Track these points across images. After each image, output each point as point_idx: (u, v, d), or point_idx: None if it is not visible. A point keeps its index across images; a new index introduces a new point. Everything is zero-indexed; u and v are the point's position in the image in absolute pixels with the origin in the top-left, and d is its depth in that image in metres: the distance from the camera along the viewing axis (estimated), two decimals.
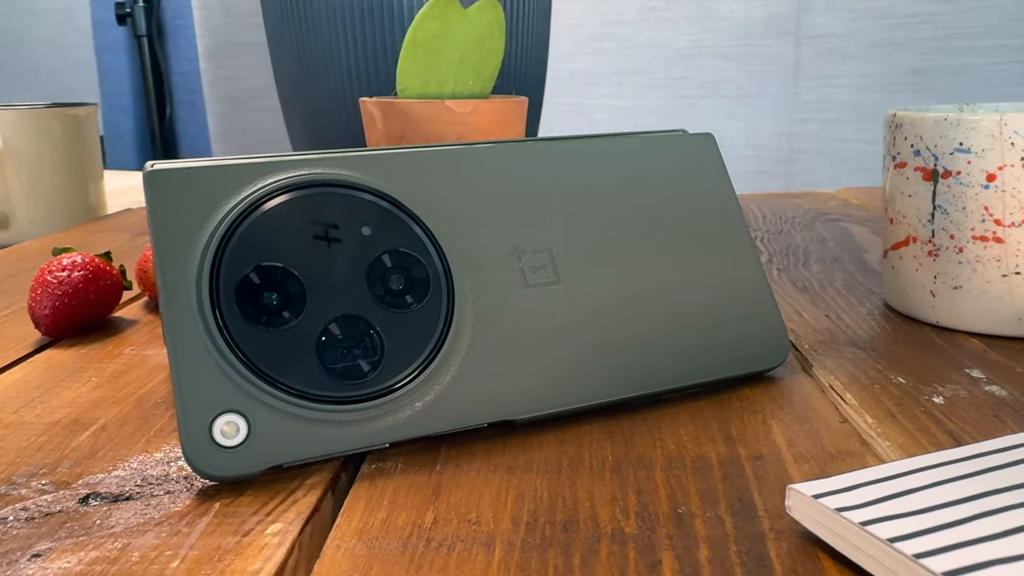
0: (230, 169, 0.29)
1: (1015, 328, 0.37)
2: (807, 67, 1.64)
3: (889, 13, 1.55)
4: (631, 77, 1.72)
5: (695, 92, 1.69)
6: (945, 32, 1.51)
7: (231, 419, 0.26)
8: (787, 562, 0.21)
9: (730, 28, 1.67)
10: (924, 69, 1.55)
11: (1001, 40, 1.49)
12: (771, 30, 1.64)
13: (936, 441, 0.28)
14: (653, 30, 1.72)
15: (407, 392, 0.28)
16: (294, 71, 0.72)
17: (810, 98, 1.64)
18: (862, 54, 1.58)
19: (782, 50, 1.64)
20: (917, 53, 1.54)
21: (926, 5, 1.52)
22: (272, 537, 0.23)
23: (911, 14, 1.54)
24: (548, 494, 0.25)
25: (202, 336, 0.27)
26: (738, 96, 1.69)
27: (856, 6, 1.57)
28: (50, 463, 0.28)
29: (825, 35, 1.60)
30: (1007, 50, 1.49)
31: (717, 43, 1.68)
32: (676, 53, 1.71)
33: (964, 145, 0.36)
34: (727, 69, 1.67)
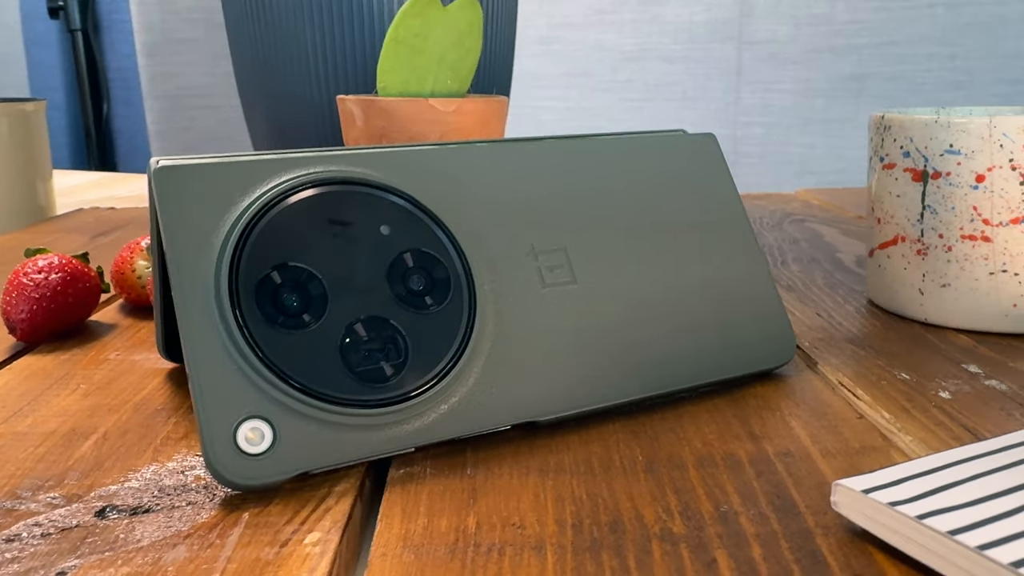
0: (244, 166, 0.28)
1: (1001, 324, 0.38)
2: (749, 72, 1.67)
3: (828, 20, 1.60)
4: (578, 79, 1.73)
5: (641, 95, 1.71)
6: (881, 39, 1.57)
7: (255, 425, 0.25)
8: (840, 558, 0.22)
9: (675, 32, 1.69)
10: (861, 75, 1.60)
11: (933, 48, 1.54)
12: (715, 35, 1.67)
13: (954, 435, 0.28)
14: (599, 33, 1.74)
15: (433, 395, 0.27)
16: (257, 68, 0.70)
17: (752, 102, 1.68)
18: (803, 59, 1.62)
19: (725, 55, 1.67)
20: (855, 59, 1.59)
21: (863, 13, 1.57)
22: (312, 547, 0.22)
23: (849, 21, 1.58)
24: (587, 495, 0.25)
25: (222, 338, 0.26)
26: (683, 99, 1.72)
27: (797, 12, 1.61)
28: (55, 475, 0.26)
29: (767, 40, 1.64)
30: (938, 57, 1.55)
31: (662, 47, 1.71)
32: (622, 56, 1.72)
33: (954, 147, 0.38)
34: (672, 72, 1.69)
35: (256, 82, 0.71)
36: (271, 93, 0.70)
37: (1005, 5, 1.49)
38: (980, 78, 1.54)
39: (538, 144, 0.34)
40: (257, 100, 0.72)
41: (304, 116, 0.68)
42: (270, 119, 0.71)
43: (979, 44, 1.52)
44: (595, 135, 0.35)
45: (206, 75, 1.59)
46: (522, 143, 0.33)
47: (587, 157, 0.34)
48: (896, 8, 1.55)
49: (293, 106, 0.69)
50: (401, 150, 0.31)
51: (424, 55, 0.53)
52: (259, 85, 0.71)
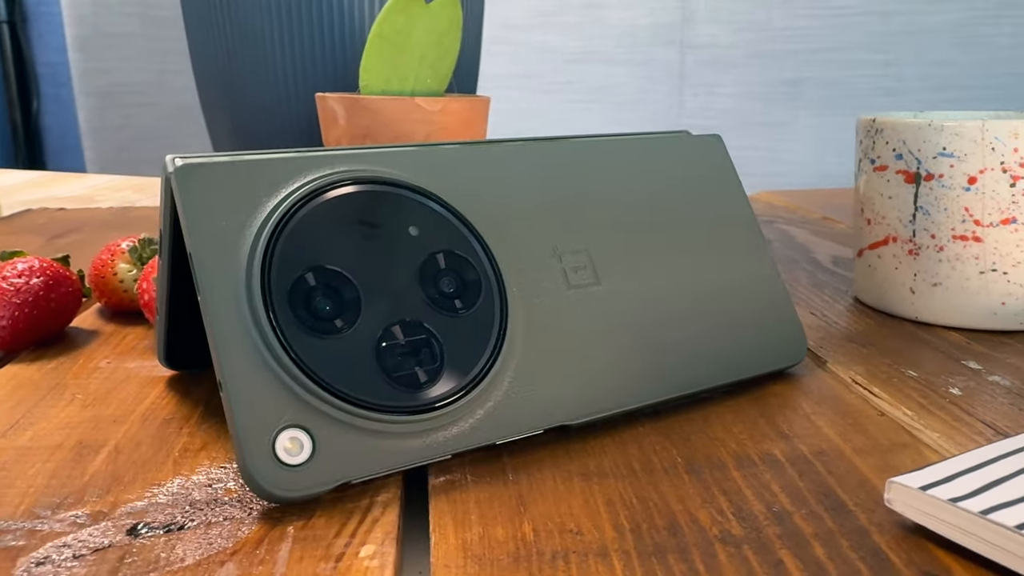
0: (268, 164, 0.27)
1: (990, 322, 0.40)
2: (691, 75, 1.70)
3: (766, 26, 1.63)
4: (521, 80, 1.73)
5: (584, 97, 1.72)
6: (817, 46, 1.61)
7: (294, 435, 0.24)
8: (901, 554, 0.22)
9: (618, 35, 1.71)
10: (798, 80, 1.64)
11: (866, 55, 1.60)
12: (657, 38, 1.69)
13: (976, 431, 0.29)
14: (543, 35, 1.74)
15: (470, 400, 0.27)
16: (219, 66, 0.68)
17: (694, 105, 1.71)
18: (742, 64, 1.65)
19: (668, 58, 1.70)
20: (792, 64, 1.63)
21: (800, 20, 1.61)
22: (370, 560, 0.22)
23: (786, 28, 1.62)
24: (637, 499, 0.25)
25: (256, 344, 0.25)
26: (625, 102, 1.74)
27: (736, 18, 1.64)
28: (72, 491, 0.25)
29: (708, 45, 1.67)
30: (871, 64, 1.60)
31: (606, 50, 1.72)
32: (565, 58, 1.73)
33: (947, 149, 0.39)
34: (615, 75, 1.71)
35: (218, 81, 0.69)
36: (234, 92, 0.68)
37: (934, 15, 1.55)
38: (910, 84, 1.60)
39: (552, 144, 0.33)
40: (219, 99, 0.70)
41: (270, 116, 0.67)
42: (234, 119, 0.69)
43: (910, 52, 1.57)
44: (605, 135, 0.35)
45: (142, 71, 1.54)
46: (536, 143, 0.33)
47: (601, 157, 0.34)
48: (831, 16, 1.59)
49: (259, 106, 0.67)
50: (424, 149, 0.30)
51: (406, 53, 0.52)
52: (221, 84, 0.68)
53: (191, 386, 0.33)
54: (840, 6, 1.59)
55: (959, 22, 1.55)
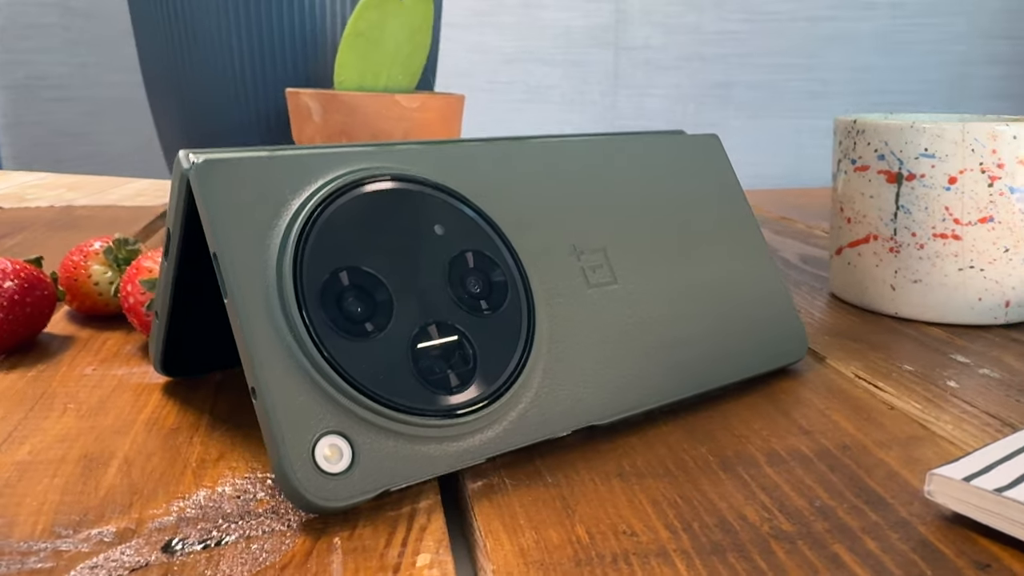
0: (290, 161, 0.26)
1: (967, 316, 0.41)
2: (625, 76, 1.72)
3: (698, 29, 1.67)
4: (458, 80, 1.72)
5: (521, 97, 1.72)
6: (747, 50, 1.65)
7: (333, 442, 0.23)
8: (950, 545, 0.22)
9: (554, 36, 1.72)
10: (728, 83, 1.68)
11: (793, 59, 1.64)
12: (592, 40, 1.71)
13: (984, 422, 0.30)
14: (479, 35, 1.74)
15: (504, 402, 0.26)
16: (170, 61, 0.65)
17: (628, 106, 1.73)
18: (675, 66, 1.68)
19: (602, 59, 1.71)
20: (722, 68, 1.67)
21: (730, 24, 1.65)
22: (429, 570, 0.21)
23: (717, 31, 1.66)
24: (680, 498, 0.25)
25: (291, 348, 0.23)
26: (562, 102, 1.75)
27: (669, 21, 1.67)
28: (90, 507, 0.23)
29: (642, 47, 1.69)
30: (798, 68, 1.65)
31: (542, 50, 1.73)
32: (502, 58, 1.73)
33: (929, 150, 0.40)
34: (552, 75, 1.72)
35: (169, 75, 0.66)
36: (187, 87, 0.65)
37: (858, 22, 1.61)
38: (834, 88, 1.65)
39: (558, 142, 0.33)
40: (170, 94, 0.67)
41: (226, 112, 0.64)
42: (185, 114, 0.66)
43: (834, 57, 1.63)
44: (606, 134, 0.35)
45: (62, 64, 1.47)
46: (544, 140, 0.33)
47: (606, 156, 0.34)
48: (760, 20, 1.64)
49: (213, 101, 0.64)
50: (441, 146, 0.30)
51: (381, 49, 0.51)
52: (173, 78, 0.66)
53: (189, 393, 0.32)
54: (769, 11, 1.63)
55: (882, 29, 1.61)
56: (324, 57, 0.62)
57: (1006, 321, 0.41)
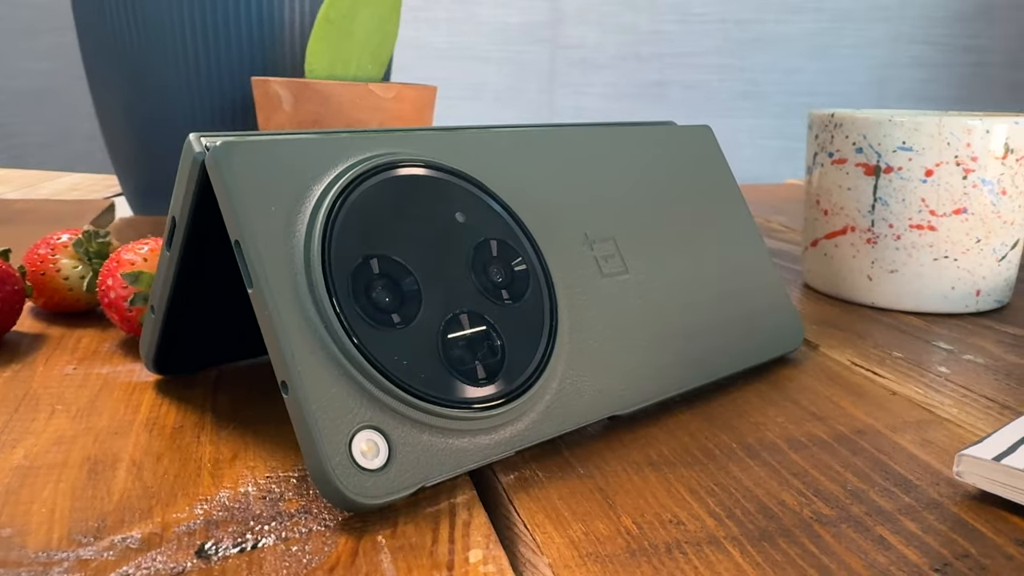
0: (311, 145, 0.25)
1: (941, 305, 0.42)
2: (561, 74, 1.73)
3: (633, 29, 1.69)
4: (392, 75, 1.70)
5: (457, 94, 1.71)
6: (680, 49, 1.68)
7: (369, 437, 0.22)
8: (985, 524, 0.23)
9: (489, 33, 1.71)
10: (663, 82, 1.70)
11: (726, 60, 1.68)
12: (528, 37, 1.71)
13: (984, 405, 0.31)
14: (413, 30, 1.72)
15: (533, 393, 0.26)
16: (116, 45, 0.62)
17: (564, 104, 1.74)
18: (611, 65, 1.70)
19: (539, 57, 1.72)
20: (657, 67, 1.70)
21: (665, 24, 1.67)
22: (484, 566, 0.20)
23: (652, 31, 1.68)
24: (716, 486, 0.25)
25: (323, 340, 0.22)
26: (497, 99, 1.74)
27: (604, 20, 1.69)
28: (107, 513, 0.22)
29: (577, 45, 1.71)
30: (730, 69, 1.69)
31: (477, 47, 1.72)
32: (437, 54, 1.72)
33: (907, 144, 0.41)
34: (487, 73, 1.71)
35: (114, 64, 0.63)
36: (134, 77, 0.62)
37: (786, 24, 1.66)
38: (764, 89, 1.70)
39: (560, 131, 0.33)
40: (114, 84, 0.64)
41: (177, 101, 0.62)
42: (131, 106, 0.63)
43: (764, 58, 1.67)
44: (601, 124, 0.35)
45: None
46: (548, 129, 0.32)
47: (606, 146, 0.33)
48: (693, 22, 1.67)
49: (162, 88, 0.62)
50: (455, 132, 0.29)
51: (351, 37, 0.49)
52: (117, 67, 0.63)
53: (184, 391, 0.30)
54: (702, 12, 1.66)
55: (808, 32, 1.66)
56: (282, 44, 0.61)
57: (976, 309, 0.43)
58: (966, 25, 1.65)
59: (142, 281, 0.32)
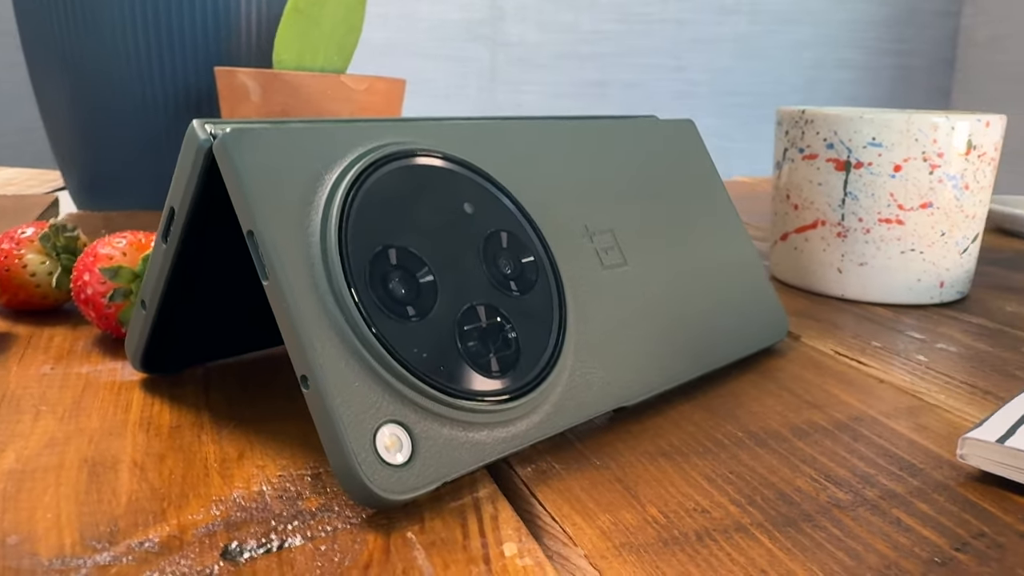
0: (322, 133, 0.24)
1: (907, 296, 0.44)
2: (502, 72, 1.73)
3: (574, 28, 1.70)
4: None
5: None
6: (621, 49, 1.70)
7: (392, 431, 0.22)
8: (992, 503, 0.24)
9: (428, 29, 1.70)
10: (603, 81, 1.72)
11: (664, 60, 1.71)
12: (468, 34, 1.70)
13: (967, 391, 0.32)
14: None
15: (547, 385, 0.25)
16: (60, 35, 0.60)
17: (505, 102, 1.74)
18: (551, 64, 1.71)
19: (479, 54, 1.71)
20: (597, 66, 1.71)
21: (605, 24, 1.69)
22: (520, 559, 0.20)
23: (593, 30, 1.70)
24: (732, 474, 0.25)
25: (343, 332, 0.22)
26: (437, 96, 1.73)
27: (544, 19, 1.69)
28: (117, 516, 0.21)
29: (518, 43, 1.71)
30: (668, 69, 1.72)
31: (416, 43, 1.71)
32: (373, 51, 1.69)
33: (876, 140, 0.42)
34: (426, 70, 1.70)
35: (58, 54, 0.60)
36: (81, 68, 0.60)
37: (721, 26, 1.69)
38: (700, 89, 1.73)
39: (554, 123, 0.32)
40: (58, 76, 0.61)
41: (126, 92, 0.60)
42: (78, 98, 0.61)
43: (701, 59, 1.70)
44: (589, 117, 0.35)
45: None
46: (541, 122, 0.32)
47: (597, 138, 0.33)
48: (633, 22, 1.69)
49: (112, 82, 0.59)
50: (459, 123, 0.28)
51: (319, 28, 0.48)
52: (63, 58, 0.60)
53: (173, 389, 0.29)
54: (640, 12, 1.69)
55: (741, 34, 1.70)
56: (238, 34, 0.59)
57: (940, 300, 0.44)
58: (891, 30, 1.71)
59: (121, 276, 0.31)
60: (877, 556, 0.21)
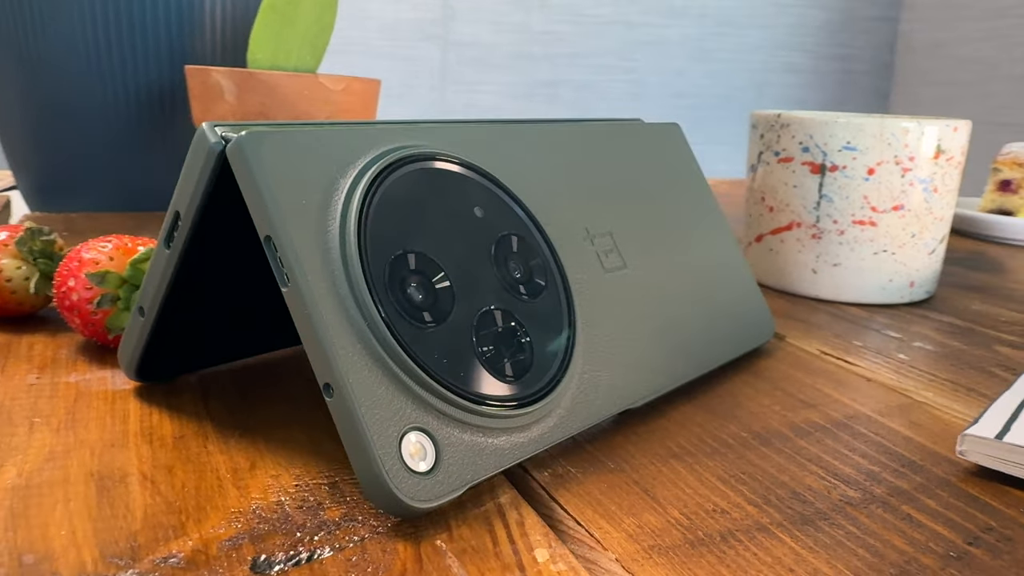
0: (335, 136, 0.24)
1: (879, 296, 0.45)
2: (453, 72, 1.72)
3: (525, 28, 1.70)
4: None
5: None
6: (573, 50, 1.71)
7: (417, 439, 0.22)
8: (994, 498, 0.24)
9: (379, 28, 1.69)
10: (555, 81, 1.73)
11: (615, 61, 1.72)
12: (420, 33, 1.69)
13: (951, 388, 0.33)
14: None
15: (561, 389, 0.25)
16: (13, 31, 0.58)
17: (456, 102, 1.73)
18: (504, 64, 1.71)
19: (430, 54, 1.71)
20: (549, 67, 1.72)
21: (557, 25, 1.70)
22: (554, 565, 0.20)
23: (544, 31, 1.70)
24: (743, 474, 0.25)
25: (366, 338, 0.22)
26: (388, 96, 1.72)
27: (497, 19, 1.69)
28: (135, 532, 0.20)
29: (470, 43, 1.70)
30: (618, 70, 1.73)
31: (366, 42, 1.69)
32: None
33: (851, 143, 0.43)
34: (377, 69, 1.69)
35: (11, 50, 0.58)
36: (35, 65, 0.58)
37: (669, 28, 1.71)
38: (651, 90, 1.75)
39: (546, 127, 0.32)
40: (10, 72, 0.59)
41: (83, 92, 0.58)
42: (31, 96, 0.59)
43: (650, 61, 1.72)
44: (578, 120, 0.35)
45: None
46: (536, 125, 0.32)
47: (588, 142, 0.34)
48: (585, 23, 1.70)
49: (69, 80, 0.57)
50: (461, 125, 0.28)
51: (293, 26, 0.48)
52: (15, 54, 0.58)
53: (170, 398, 0.28)
54: (592, 14, 1.70)
55: (690, 36, 1.72)
56: (202, 31, 0.58)
57: (910, 299, 0.46)
58: (834, 35, 1.76)
59: (109, 281, 0.30)
60: (896, 552, 0.21)
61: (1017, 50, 1.56)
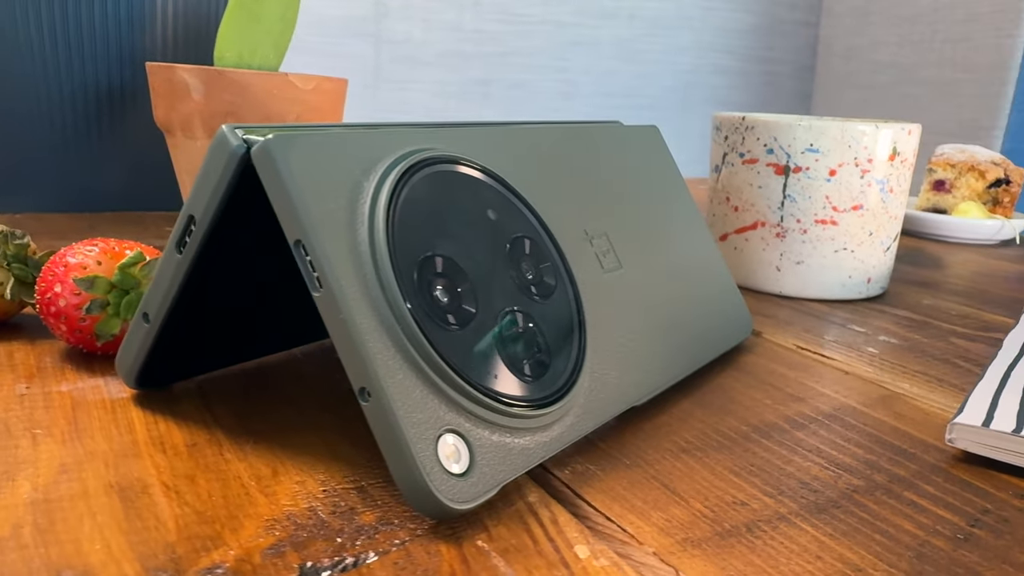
0: (357, 139, 0.24)
1: (839, 292, 0.47)
2: (386, 70, 1.71)
3: (457, 27, 1.70)
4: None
5: None
6: (504, 49, 1.71)
7: (451, 441, 0.22)
8: (983, 481, 0.26)
9: (308, 24, 1.66)
10: (487, 80, 1.73)
11: (547, 60, 1.73)
12: (350, 30, 1.67)
13: (926, 380, 0.35)
14: None
15: (577, 388, 0.26)
16: None
17: (389, 99, 1.72)
18: (435, 62, 1.70)
19: (362, 52, 1.69)
20: (481, 65, 1.72)
21: (488, 24, 1.70)
22: (596, 561, 0.20)
23: (476, 29, 1.71)
24: (752, 466, 0.26)
25: (400, 342, 0.22)
26: None
27: (429, 16, 1.69)
28: (173, 543, 0.20)
29: (402, 41, 1.69)
30: (551, 69, 1.75)
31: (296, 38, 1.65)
32: None
33: (814, 146, 0.45)
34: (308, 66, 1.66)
35: None
36: None
37: (599, 28, 1.74)
38: (582, 90, 1.77)
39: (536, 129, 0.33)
40: None
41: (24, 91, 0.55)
42: None
43: (581, 60, 1.74)
44: (562, 122, 0.36)
45: None
46: (528, 127, 0.33)
47: (576, 144, 0.34)
48: (515, 22, 1.71)
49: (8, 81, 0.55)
50: (465, 128, 0.28)
51: (259, 23, 0.47)
52: None
53: (172, 405, 0.27)
54: (523, 14, 1.71)
55: (622, 37, 1.75)
56: (153, 27, 0.56)
57: (867, 295, 0.48)
58: (759, 38, 1.81)
59: (98, 287, 0.29)
60: (908, 536, 0.22)
61: (931, 55, 1.64)
